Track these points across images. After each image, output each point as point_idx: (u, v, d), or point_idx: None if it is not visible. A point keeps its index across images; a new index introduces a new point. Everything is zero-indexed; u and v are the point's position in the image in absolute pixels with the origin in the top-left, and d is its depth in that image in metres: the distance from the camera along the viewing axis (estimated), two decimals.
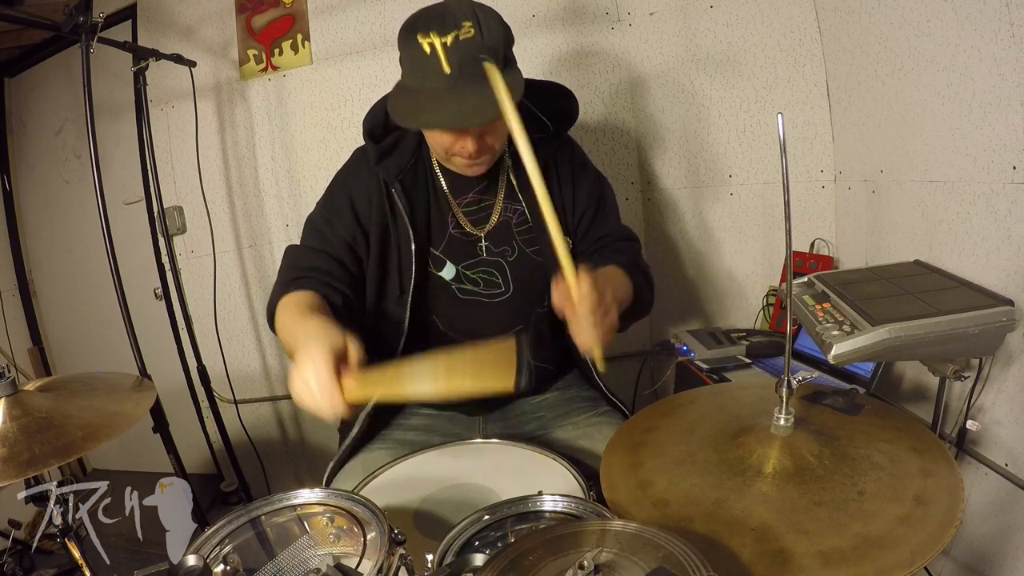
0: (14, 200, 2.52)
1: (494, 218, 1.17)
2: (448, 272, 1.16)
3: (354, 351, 0.83)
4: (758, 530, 0.68)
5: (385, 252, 1.14)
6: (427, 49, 0.93)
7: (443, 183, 1.16)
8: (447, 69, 0.92)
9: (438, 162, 1.15)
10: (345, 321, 1.01)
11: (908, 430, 0.82)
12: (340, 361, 0.81)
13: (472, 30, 0.92)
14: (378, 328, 1.18)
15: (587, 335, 0.88)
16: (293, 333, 0.94)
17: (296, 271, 1.10)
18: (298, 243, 1.17)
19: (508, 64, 0.99)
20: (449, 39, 0.92)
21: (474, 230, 1.16)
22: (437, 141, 1.05)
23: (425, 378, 0.84)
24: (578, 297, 0.86)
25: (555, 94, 1.20)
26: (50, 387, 1.11)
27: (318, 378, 0.78)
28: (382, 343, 1.15)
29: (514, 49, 1.04)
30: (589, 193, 1.21)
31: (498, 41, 0.96)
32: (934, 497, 0.69)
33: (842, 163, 1.65)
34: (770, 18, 1.66)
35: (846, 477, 0.73)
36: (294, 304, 1.02)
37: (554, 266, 1.16)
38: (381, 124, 1.14)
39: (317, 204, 1.18)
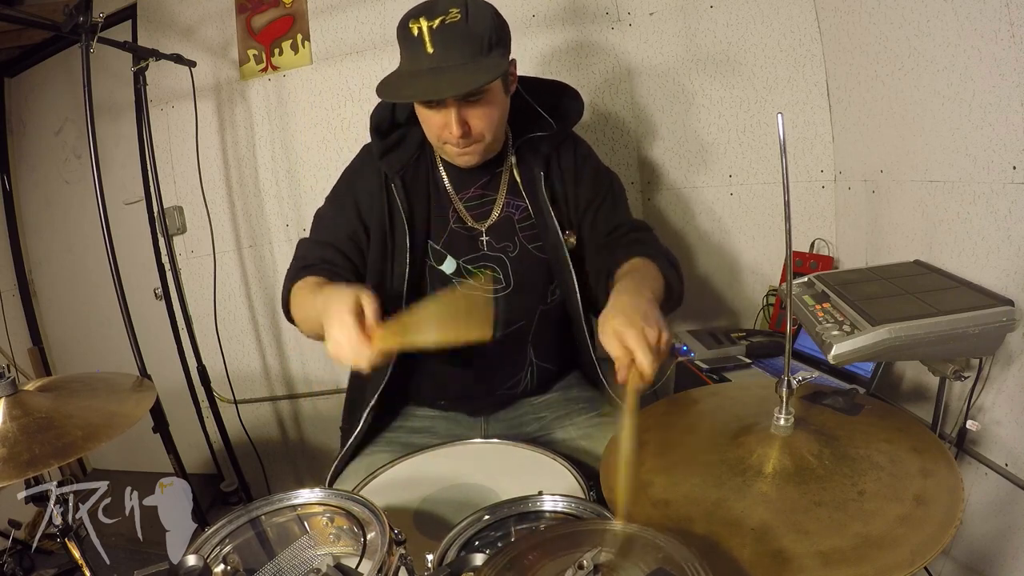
0: (14, 200, 2.52)
1: (495, 213, 1.17)
2: (448, 266, 1.16)
3: (368, 303, 0.88)
4: (758, 530, 0.68)
5: (384, 245, 1.15)
6: (415, 33, 0.98)
7: (445, 178, 1.17)
8: (430, 49, 0.97)
9: (441, 157, 1.16)
10: None
11: (908, 430, 0.82)
12: (360, 315, 0.87)
13: (458, 15, 0.96)
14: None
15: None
16: (313, 305, 1.00)
17: (303, 262, 1.15)
18: (307, 237, 1.21)
19: (495, 50, 1.00)
20: (436, 23, 0.96)
21: (475, 225, 1.16)
22: (427, 126, 1.07)
23: (428, 328, 0.93)
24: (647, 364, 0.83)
25: (558, 92, 1.21)
26: (50, 387, 1.10)
27: (346, 332, 0.85)
28: None
29: (514, 49, 1.05)
30: (595, 186, 1.21)
31: (484, 27, 0.98)
32: (934, 497, 0.69)
33: (842, 163, 1.65)
34: (770, 18, 1.66)
35: (846, 477, 0.73)
36: (305, 287, 1.09)
37: (556, 262, 1.17)
38: (387, 120, 1.17)
39: (326, 198, 1.22)
